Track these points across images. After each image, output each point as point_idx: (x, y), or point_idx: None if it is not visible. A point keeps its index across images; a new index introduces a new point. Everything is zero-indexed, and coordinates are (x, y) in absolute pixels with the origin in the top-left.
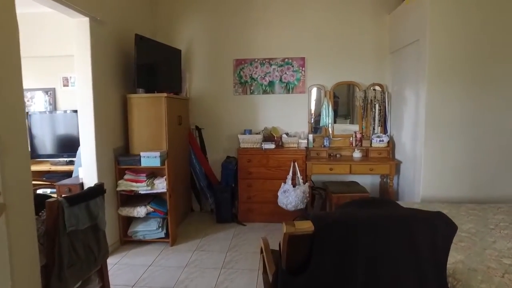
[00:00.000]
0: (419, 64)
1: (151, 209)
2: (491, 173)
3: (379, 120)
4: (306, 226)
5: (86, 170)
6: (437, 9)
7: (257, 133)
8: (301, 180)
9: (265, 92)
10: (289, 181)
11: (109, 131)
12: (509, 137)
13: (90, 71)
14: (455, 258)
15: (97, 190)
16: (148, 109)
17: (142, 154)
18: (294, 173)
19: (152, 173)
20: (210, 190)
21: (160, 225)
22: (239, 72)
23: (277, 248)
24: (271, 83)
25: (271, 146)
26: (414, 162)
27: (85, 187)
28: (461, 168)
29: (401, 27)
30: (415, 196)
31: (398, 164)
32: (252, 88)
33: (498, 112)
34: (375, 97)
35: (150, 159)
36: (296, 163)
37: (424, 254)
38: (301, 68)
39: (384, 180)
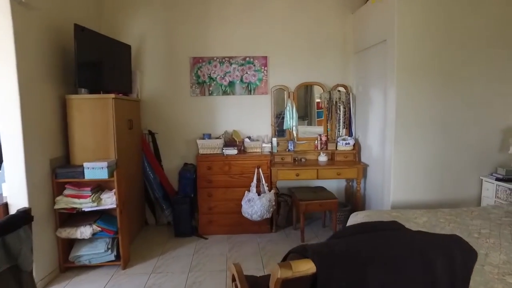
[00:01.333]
0: (387, 64)
1: (98, 229)
2: (457, 174)
3: (344, 122)
4: (306, 267)
5: (12, 187)
6: (405, 9)
7: (217, 138)
8: (266, 188)
9: (225, 93)
10: (253, 189)
11: (44, 138)
12: (473, 137)
13: (14, 65)
14: None
15: (19, 219)
16: (92, 112)
17: (85, 165)
18: (259, 180)
19: (99, 187)
20: (166, 201)
21: (109, 246)
22: (197, 71)
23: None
24: (231, 84)
25: (233, 151)
26: (383, 165)
27: (10, 208)
28: (429, 171)
29: (366, 27)
30: (384, 201)
31: (365, 168)
32: (211, 88)
33: (464, 113)
34: (339, 99)
35: (95, 170)
36: (260, 169)
37: (442, 285)
38: (263, 67)
39: (350, 184)
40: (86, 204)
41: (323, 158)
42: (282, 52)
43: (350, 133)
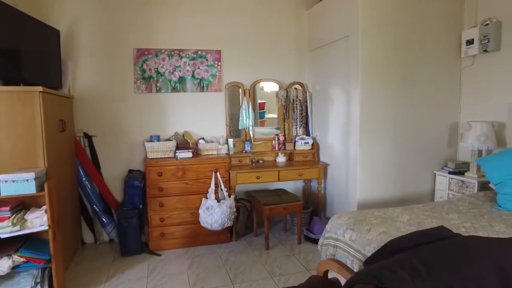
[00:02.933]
0: (350, 61)
1: (21, 259)
2: (414, 170)
3: (301, 121)
4: None
5: None
6: (369, 3)
7: (167, 140)
8: (225, 193)
9: (174, 89)
10: (211, 195)
11: None
12: (426, 134)
13: None
14: None
15: None
16: (11, 109)
17: (1, 177)
18: (217, 185)
19: (21, 204)
20: (108, 215)
21: (38, 280)
22: (142, 64)
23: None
24: (181, 79)
25: (188, 154)
26: (347, 164)
27: None
28: (390, 168)
29: (324, 24)
30: (349, 199)
31: (325, 167)
32: (158, 84)
33: (418, 110)
34: (296, 97)
35: (17, 184)
36: (218, 173)
37: None
38: (216, 62)
39: (308, 184)
40: (4, 229)
41: (281, 158)
42: (237, 46)
43: (307, 132)
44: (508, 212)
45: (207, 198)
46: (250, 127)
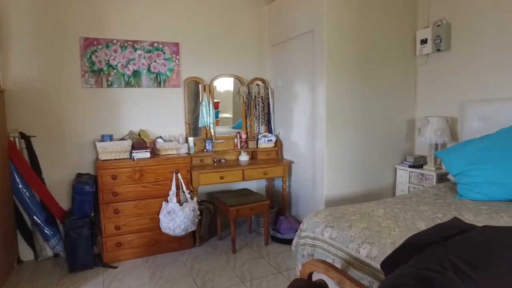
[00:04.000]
0: (315, 56)
1: None
2: (376, 165)
3: (263, 118)
4: None
5: None
6: None
7: (121, 139)
8: (188, 195)
9: (128, 84)
10: (173, 198)
11: None
12: (386, 129)
13: None
14: None
15: None
16: None
17: None
18: (178, 187)
19: None
20: (51, 227)
21: None
22: (90, 56)
23: None
24: (136, 73)
25: (145, 155)
26: (313, 161)
27: None
28: (355, 164)
29: (287, 18)
30: (316, 197)
31: (290, 165)
32: (110, 78)
33: (382, 107)
34: (258, 93)
35: None
36: (179, 174)
37: None
38: (174, 56)
39: (271, 183)
40: None
41: (244, 157)
42: (196, 39)
43: (269, 130)
44: (470, 201)
45: (168, 201)
46: (211, 125)
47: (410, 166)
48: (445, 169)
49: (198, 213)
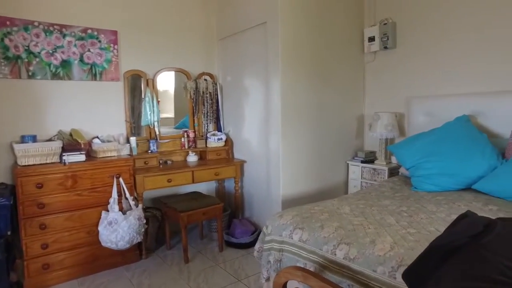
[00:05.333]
0: (268, 49)
1: None
2: (329, 161)
3: (212, 116)
4: None
5: None
6: None
7: (48, 140)
8: (132, 202)
9: (56, 76)
10: (114, 206)
11: None
12: (338, 125)
13: None
14: None
15: None
16: None
17: None
18: (121, 194)
19: None
20: None
21: None
22: (2, 39)
23: None
24: (66, 64)
25: (80, 157)
26: (267, 159)
27: None
28: (310, 161)
29: (236, 11)
30: (272, 196)
31: (242, 165)
32: (31, 68)
33: (333, 103)
34: (206, 89)
35: None
36: (121, 179)
37: None
38: (112, 46)
39: (222, 184)
40: None
41: (192, 158)
42: (138, 29)
43: (218, 128)
44: (426, 193)
45: (108, 210)
46: (156, 123)
47: (362, 162)
48: (395, 163)
49: (145, 221)
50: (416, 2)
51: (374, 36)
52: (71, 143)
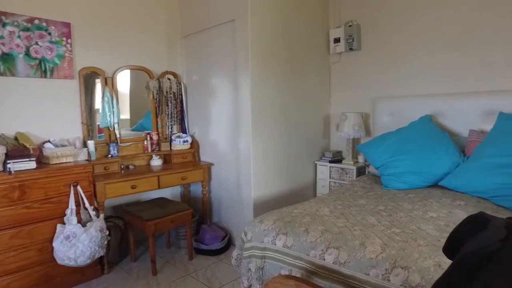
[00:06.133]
0: (237, 48)
1: None
2: (298, 162)
3: (176, 117)
4: None
5: None
6: None
7: None
8: (92, 212)
9: None
10: (72, 218)
11: None
12: (306, 125)
13: None
14: None
15: None
16: None
17: None
18: (79, 204)
19: None
20: None
21: None
22: None
23: None
24: (7, 58)
25: (29, 165)
26: (237, 161)
27: None
28: (280, 161)
29: (202, 7)
30: (243, 199)
31: (209, 168)
32: None
33: (302, 103)
34: (170, 88)
35: None
36: (79, 187)
37: None
38: (65, 39)
39: (188, 188)
40: None
41: (156, 162)
42: (95, 22)
43: (183, 129)
44: (397, 191)
45: (64, 223)
46: (116, 125)
47: (330, 162)
48: (362, 163)
49: (107, 233)
50: (379, 6)
51: (339, 38)
52: (17, 149)
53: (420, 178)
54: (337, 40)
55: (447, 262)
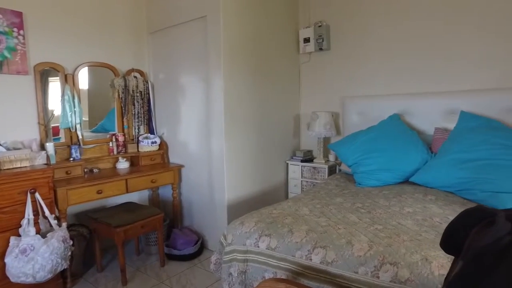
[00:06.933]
0: (209, 45)
1: None
2: (270, 162)
3: (144, 117)
4: None
5: None
6: None
7: None
8: (53, 221)
9: None
10: (28, 229)
11: None
12: (277, 125)
13: None
14: None
15: None
16: None
17: None
18: (37, 213)
19: None
20: None
21: None
22: None
23: None
24: None
25: None
26: (209, 162)
27: None
28: (252, 162)
29: (170, 2)
30: (216, 201)
31: (180, 170)
32: None
33: (273, 102)
34: (137, 87)
35: None
36: (37, 194)
37: None
38: (16, 30)
39: (156, 191)
40: None
41: (123, 164)
42: (52, 12)
43: (150, 130)
44: (371, 188)
45: (20, 235)
46: (78, 126)
47: (302, 161)
48: (333, 161)
49: (71, 243)
50: (347, 7)
51: (309, 38)
52: None
53: (392, 175)
54: (307, 40)
55: (433, 256)
